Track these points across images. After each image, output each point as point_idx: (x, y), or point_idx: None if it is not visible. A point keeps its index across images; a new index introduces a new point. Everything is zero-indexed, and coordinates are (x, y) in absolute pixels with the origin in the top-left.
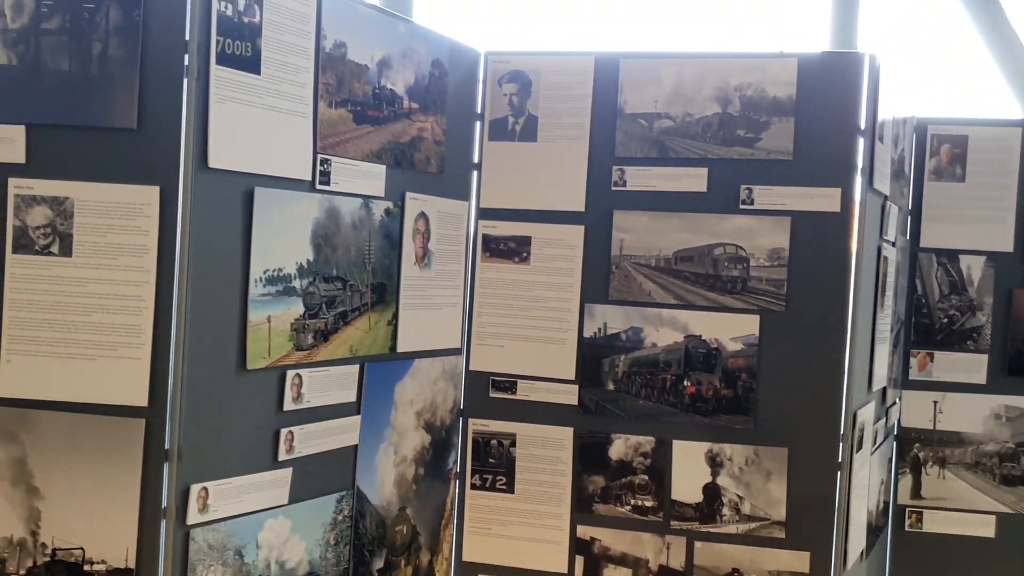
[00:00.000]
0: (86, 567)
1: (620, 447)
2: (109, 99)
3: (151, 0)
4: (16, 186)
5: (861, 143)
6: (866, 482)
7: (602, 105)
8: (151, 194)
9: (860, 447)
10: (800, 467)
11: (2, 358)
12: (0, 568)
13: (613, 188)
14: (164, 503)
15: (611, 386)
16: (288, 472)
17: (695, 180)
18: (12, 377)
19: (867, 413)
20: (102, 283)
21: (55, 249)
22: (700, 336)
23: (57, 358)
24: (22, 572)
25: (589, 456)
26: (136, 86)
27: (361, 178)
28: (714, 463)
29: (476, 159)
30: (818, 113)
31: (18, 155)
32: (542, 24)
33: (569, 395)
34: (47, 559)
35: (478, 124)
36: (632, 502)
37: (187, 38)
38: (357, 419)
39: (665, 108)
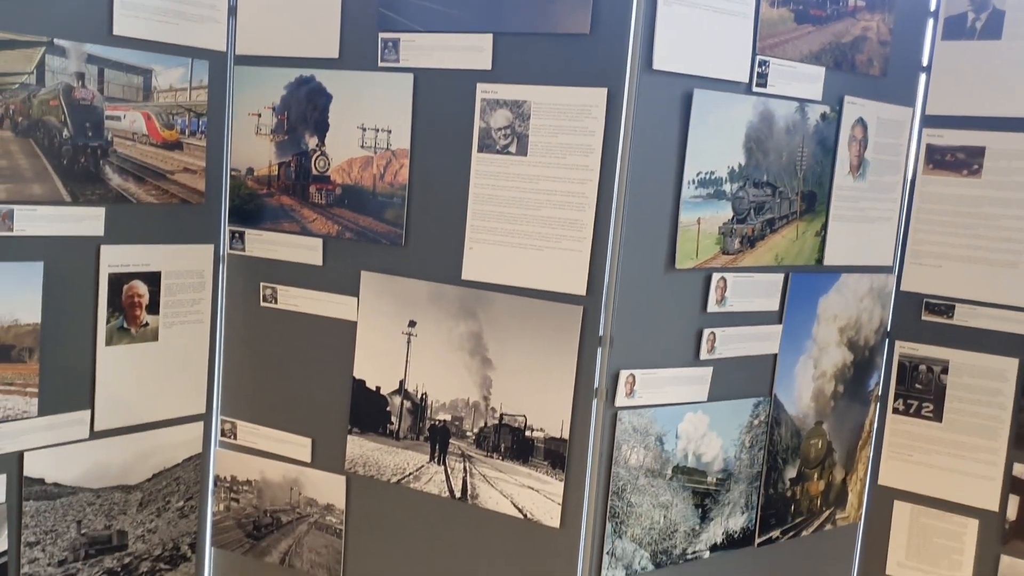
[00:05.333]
0: (527, 432)
1: None
2: (566, 6)
3: None
4: (483, 90)
5: None
6: None
7: None
8: (599, 96)
9: None
10: None
11: (466, 245)
12: (458, 425)
13: None
14: (596, 384)
15: None
16: (709, 371)
17: None
18: (474, 262)
19: None
20: (552, 180)
21: (513, 148)
22: None
23: (510, 247)
24: (475, 430)
25: None
26: None
27: (798, 80)
28: None
29: (925, 61)
30: None
31: (485, 62)
32: None
33: (1018, 324)
34: (495, 422)
35: (930, 22)
36: None
37: None
38: (778, 328)
39: None
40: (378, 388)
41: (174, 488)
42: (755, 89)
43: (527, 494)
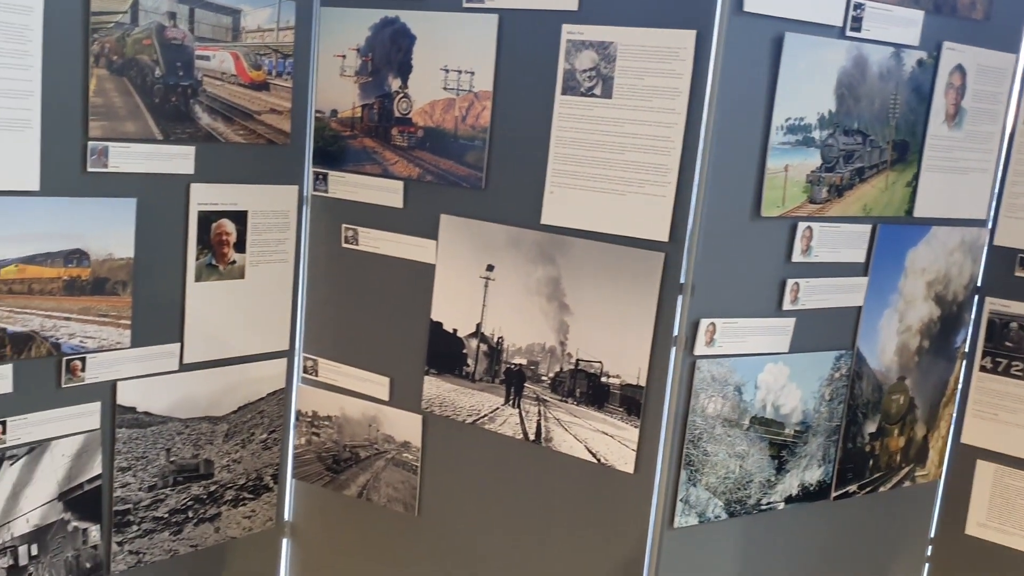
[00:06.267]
0: (603, 379)
1: None
2: None
3: None
4: (569, 32)
5: None
6: None
7: None
8: (687, 38)
9: None
10: None
11: (547, 189)
12: (533, 370)
13: None
14: (675, 332)
15: None
16: (791, 322)
17: None
18: (554, 206)
19: None
20: (636, 124)
21: (597, 91)
22: None
23: (592, 192)
24: (551, 375)
25: None
26: None
27: (895, 25)
28: None
29: None
30: None
31: (571, 3)
32: None
33: None
34: (571, 367)
35: None
36: None
37: None
38: (864, 280)
39: None
40: (455, 331)
41: (258, 421)
42: (849, 33)
43: (601, 439)
